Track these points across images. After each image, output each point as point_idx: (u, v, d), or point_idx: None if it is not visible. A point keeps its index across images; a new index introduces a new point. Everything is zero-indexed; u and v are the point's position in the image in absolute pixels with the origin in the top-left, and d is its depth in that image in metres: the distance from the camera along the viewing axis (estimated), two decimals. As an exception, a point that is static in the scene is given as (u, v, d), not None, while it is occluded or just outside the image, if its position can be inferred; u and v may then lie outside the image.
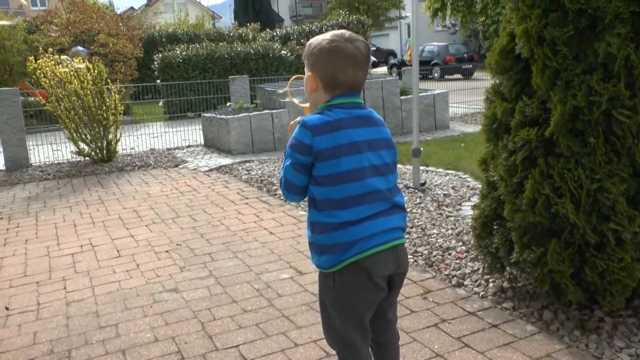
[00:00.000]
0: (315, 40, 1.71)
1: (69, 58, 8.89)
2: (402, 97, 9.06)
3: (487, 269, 3.04)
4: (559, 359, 2.34)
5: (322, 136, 1.63)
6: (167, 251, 3.98)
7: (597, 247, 2.41)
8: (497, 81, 2.82)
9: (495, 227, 2.89)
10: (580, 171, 2.36)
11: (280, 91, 8.34)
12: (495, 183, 2.80)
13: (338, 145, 1.63)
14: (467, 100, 12.12)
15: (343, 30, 1.72)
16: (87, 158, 7.73)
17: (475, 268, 3.30)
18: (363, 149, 1.67)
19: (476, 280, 3.15)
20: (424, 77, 20.86)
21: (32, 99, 10.82)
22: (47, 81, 7.29)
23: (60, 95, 7.28)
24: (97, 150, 7.64)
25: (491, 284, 3.07)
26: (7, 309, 3.15)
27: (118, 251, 4.04)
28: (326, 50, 1.66)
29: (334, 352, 1.69)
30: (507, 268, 2.90)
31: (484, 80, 12.88)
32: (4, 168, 7.61)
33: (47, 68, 7.28)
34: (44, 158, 8.09)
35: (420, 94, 8.00)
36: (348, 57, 1.66)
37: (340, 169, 1.62)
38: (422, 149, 5.34)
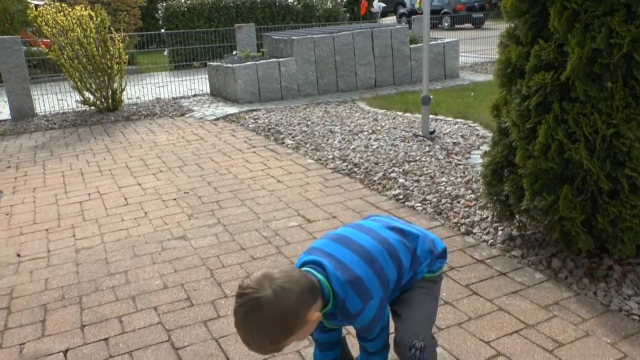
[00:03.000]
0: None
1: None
2: (411, 46, 8.87)
3: (497, 217, 3.01)
4: (567, 307, 2.33)
5: (377, 278, 1.60)
6: (174, 199, 3.98)
7: (610, 193, 2.37)
8: (512, 25, 2.72)
9: (505, 174, 2.85)
10: (596, 116, 2.29)
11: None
12: (507, 129, 2.75)
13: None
14: (477, 50, 11.88)
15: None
16: (92, 107, 7.68)
17: (484, 216, 3.28)
18: None
19: (485, 228, 3.13)
20: (434, 26, 20.41)
21: (35, 48, 10.68)
22: (49, 29, 7.16)
23: (63, 44, 7.16)
24: (103, 100, 7.58)
25: (500, 232, 3.06)
26: (18, 255, 3.18)
27: (126, 199, 4.05)
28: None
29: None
30: (517, 216, 2.88)
31: (495, 30, 12.58)
32: (9, 117, 7.58)
33: (49, 16, 7.13)
34: (49, 107, 8.04)
35: (430, 43, 7.82)
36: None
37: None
38: (431, 97, 5.24)
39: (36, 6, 8.43)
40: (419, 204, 3.57)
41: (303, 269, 1.55)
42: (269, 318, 1.36)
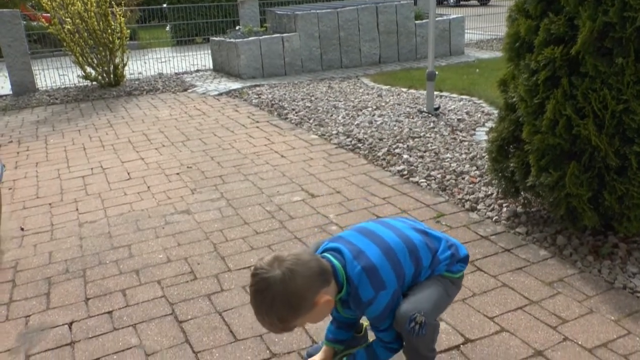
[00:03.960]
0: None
1: None
2: (416, 22, 8.76)
3: (501, 194, 3.00)
4: (571, 284, 2.33)
5: (393, 271, 1.60)
6: (177, 174, 3.97)
7: (617, 170, 2.34)
8: (522, -2, 2.66)
9: (511, 150, 2.82)
10: (606, 92, 2.25)
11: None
12: (514, 104, 2.71)
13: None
14: (483, 27, 11.73)
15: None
16: (94, 82, 7.63)
17: (489, 192, 3.26)
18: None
19: (489, 205, 3.12)
20: (440, 2, 20.17)
21: (35, 23, 10.58)
22: (49, 3, 7.07)
23: (64, 18, 7.08)
24: (104, 75, 7.53)
25: (505, 209, 3.04)
26: (22, 229, 3.18)
27: (128, 174, 4.03)
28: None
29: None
30: (522, 192, 2.86)
31: (501, 7, 12.42)
32: (10, 92, 7.54)
33: (49, -12, 7.04)
34: (51, 83, 7.99)
35: (435, 19, 7.72)
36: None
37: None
38: (437, 73, 5.19)
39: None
40: (424, 180, 3.55)
41: (323, 254, 1.61)
42: (277, 298, 1.42)
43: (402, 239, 1.68)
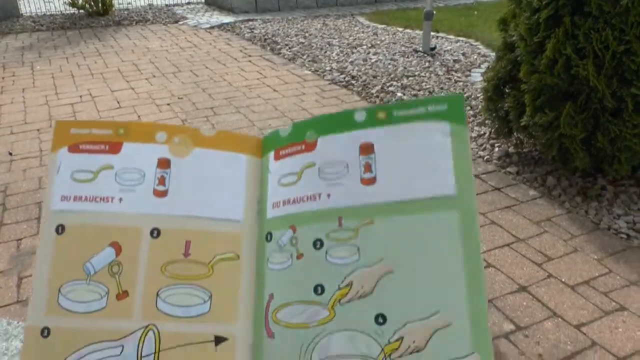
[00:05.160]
0: None
1: None
2: (415, -42, 8.49)
3: (494, 133, 3.00)
4: (558, 223, 2.37)
5: None
6: (168, 104, 3.91)
7: (613, 112, 2.34)
8: None
9: (507, 90, 2.80)
10: (609, 32, 2.22)
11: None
12: (513, 44, 2.67)
13: None
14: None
15: None
16: (81, 10, 7.38)
17: (482, 132, 3.26)
18: None
19: (481, 145, 3.12)
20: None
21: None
22: None
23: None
24: (92, 2, 7.28)
25: (497, 149, 3.05)
26: (10, 154, 3.14)
27: (118, 102, 3.97)
28: None
29: None
30: (515, 133, 2.86)
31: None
32: (-6, 16, 7.29)
33: None
34: (35, 9, 7.72)
35: (435, -45, 7.49)
36: None
37: None
38: (434, 12, 5.07)
39: None
40: (417, 120, 3.54)
41: None
42: None
43: None
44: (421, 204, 0.43)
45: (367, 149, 0.47)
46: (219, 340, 0.46)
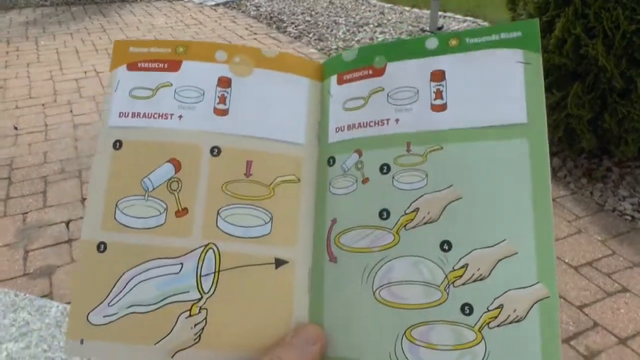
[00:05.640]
0: None
1: None
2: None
3: (501, 115, 2.98)
4: (563, 204, 2.37)
5: None
6: (173, 82, 3.90)
7: (621, 93, 2.32)
8: None
9: (515, 70, 2.78)
10: (619, 11, 2.19)
11: None
12: (522, 23, 2.64)
13: None
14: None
15: None
16: (86, -15, 7.33)
17: (488, 114, 3.24)
18: None
19: (488, 126, 3.11)
20: None
21: None
22: None
23: None
24: (96, -23, 7.22)
25: (503, 130, 3.04)
26: (15, 128, 3.14)
27: (123, 79, 3.96)
28: None
29: None
30: (522, 114, 2.84)
31: None
32: (-2, -9, 7.24)
33: None
34: (41, -17, 7.67)
35: None
36: None
37: None
38: (442, -9, 5.02)
39: None
40: (423, 99, 3.52)
41: None
42: None
43: None
44: (492, 131, 0.43)
45: (438, 75, 0.46)
46: (279, 262, 0.45)
